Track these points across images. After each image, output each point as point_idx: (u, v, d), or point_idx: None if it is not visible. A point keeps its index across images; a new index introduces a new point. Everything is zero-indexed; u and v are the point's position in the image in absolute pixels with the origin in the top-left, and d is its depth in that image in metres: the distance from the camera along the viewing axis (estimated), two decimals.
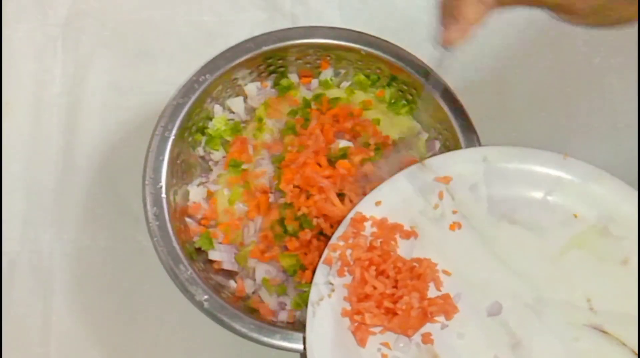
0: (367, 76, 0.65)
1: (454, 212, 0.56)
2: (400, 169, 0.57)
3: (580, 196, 0.56)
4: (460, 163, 0.57)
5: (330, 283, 0.53)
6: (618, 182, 0.56)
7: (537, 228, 0.55)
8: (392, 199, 0.55)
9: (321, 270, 0.53)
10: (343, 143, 0.61)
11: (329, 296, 0.52)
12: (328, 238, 0.57)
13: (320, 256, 0.57)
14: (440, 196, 0.56)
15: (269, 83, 0.66)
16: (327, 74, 0.66)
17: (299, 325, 0.57)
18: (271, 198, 0.60)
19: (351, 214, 0.55)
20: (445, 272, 0.53)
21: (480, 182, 0.56)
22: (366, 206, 0.55)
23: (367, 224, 0.55)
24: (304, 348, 0.52)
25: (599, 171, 0.56)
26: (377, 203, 0.55)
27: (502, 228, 0.55)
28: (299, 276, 0.57)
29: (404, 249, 0.54)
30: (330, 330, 0.51)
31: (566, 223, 0.55)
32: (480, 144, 0.59)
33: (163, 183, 0.58)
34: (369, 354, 0.51)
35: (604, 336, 0.52)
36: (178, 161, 0.60)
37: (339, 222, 0.56)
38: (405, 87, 0.64)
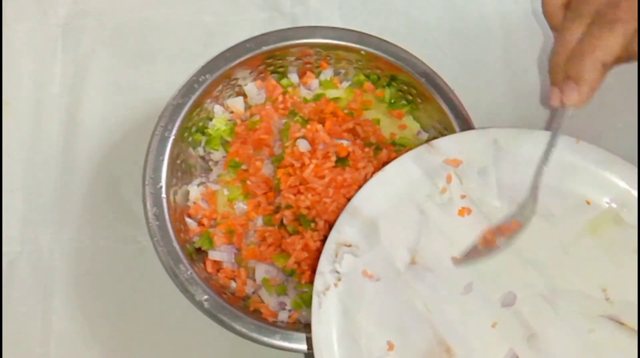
0: (367, 76, 0.65)
1: (462, 197, 0.54)
2: None
3: (592, 182, 0.54)
4: (469, 145, 0.55)
5: (337, 272, 0.51)
6: (631, 167, 0.54)
7: (548, 215, 0.53)
8: (397, 182, 0.54)
9: (326, 257, 0.51)
10: (343, 143, 0.61)
11: (335, 285, 0.51)
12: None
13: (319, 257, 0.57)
14: (449, 180, 0.54)
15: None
16: (327, 74, 0.66)
17: (299, 325, 0.57)
18: (271, 198, 0.60)
19: (354, 199, 0.53)
20: (456, 261, 0.52)
21: (489, 166, 0.54)
22: (370, 190, 0.53)
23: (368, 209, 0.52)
24: (308, 348, 0.51)
25: (612, 156, 0.55)
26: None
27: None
28: (298, 276, 0.57)
29: (410, 235, 0.53)
30: (337, 321, 0.50)
31: (578, 209, 0.54)
32: None
33: (163, 183, 0.58)
34: (376, 347, 0.49)
35: (620, 327, 0.50)
36: (178, 161, 0.60)
37: None
38: (405, 87, 0.64)
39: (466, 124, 0.60)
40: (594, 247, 0.53)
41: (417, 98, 0.64)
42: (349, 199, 0.57)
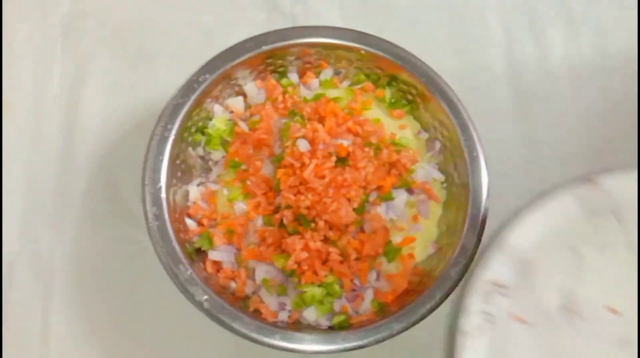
0: (367, 76, 0.65)
1: (624, 241, 0.50)
2: None
3: None
4: (634, 185, 0.50)
5: (486, 313, 0.48)
6: None
7: None
8: (553, 220, 0.50)
9: (476, 296, 0.48)
10: (343, 143, 0.61)
11: (484, 327, 0.48)
12: (328, 239, 0.57)
13: (320, 257, 0.57)
14: (609, 221, 0.50)
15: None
16: (327, 73, 0.66)
17: (299, 325, 0.57)
18: (271, 198, 0.60)
19: (508, 236, 0.50)
20: (612, 310, 0.49)
21: None
22: (524, 227, 0.50)
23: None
24: None
25: None
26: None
27: None
28: (298, 276, 0.57)
29: (565, 278, 0.50)
30: None
31: None
32: (480, 144, 0.58)
33: (163, 183, 0.58)
34: None
35: None
36: (178, 161, 0.60)
37: (338, 223, 0.56)
38: (405, 87, 0.64)
39: (466, 124, 0.60)
40: None
41: (417, 98, 0.64)
42: (349, 200, 0.57)
